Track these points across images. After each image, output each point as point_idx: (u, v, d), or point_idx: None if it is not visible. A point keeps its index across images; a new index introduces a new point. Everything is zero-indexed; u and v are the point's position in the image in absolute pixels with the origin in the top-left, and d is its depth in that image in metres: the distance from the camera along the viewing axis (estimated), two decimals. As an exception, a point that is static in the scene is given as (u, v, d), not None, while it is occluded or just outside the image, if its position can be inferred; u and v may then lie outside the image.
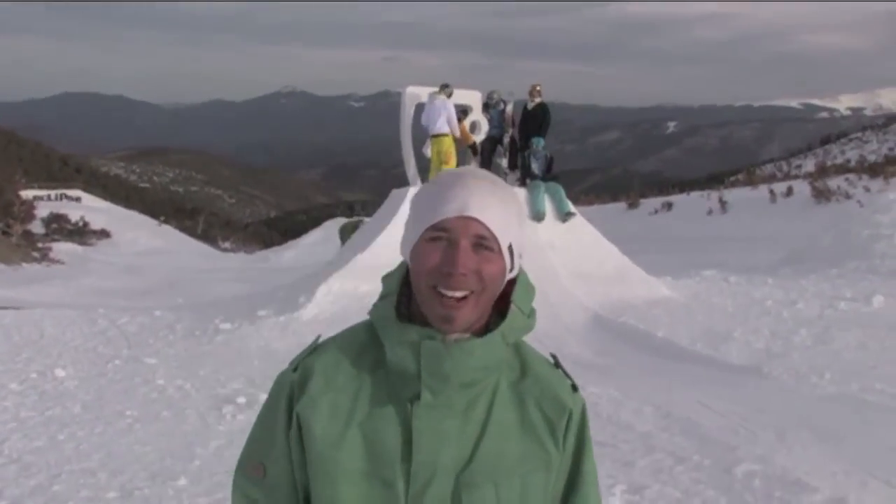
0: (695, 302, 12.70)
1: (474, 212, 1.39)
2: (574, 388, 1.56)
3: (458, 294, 1.38)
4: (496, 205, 1.42)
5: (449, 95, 14.48)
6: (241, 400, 7.83)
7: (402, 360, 1.43)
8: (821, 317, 11.22)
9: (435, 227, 1.41)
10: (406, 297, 1.50)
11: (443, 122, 14.07)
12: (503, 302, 1.50)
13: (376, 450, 1.43)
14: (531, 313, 1.52)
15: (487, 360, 1.43)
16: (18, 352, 10.42)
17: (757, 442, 6.22)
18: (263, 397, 6.43)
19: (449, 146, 14.20)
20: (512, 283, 1.51)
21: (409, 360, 1.42)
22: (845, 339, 9.80)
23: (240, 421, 7.28)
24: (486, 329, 1.47)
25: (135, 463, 6.17)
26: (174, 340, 11.27)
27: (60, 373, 9.15)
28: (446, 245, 1.40)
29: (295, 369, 1.54)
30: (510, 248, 1.43)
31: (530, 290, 1.54)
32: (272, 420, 1.54)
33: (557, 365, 1.59)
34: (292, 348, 10.36)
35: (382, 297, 1.52)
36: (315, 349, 1.55)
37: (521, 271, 1.52)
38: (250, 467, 1.57)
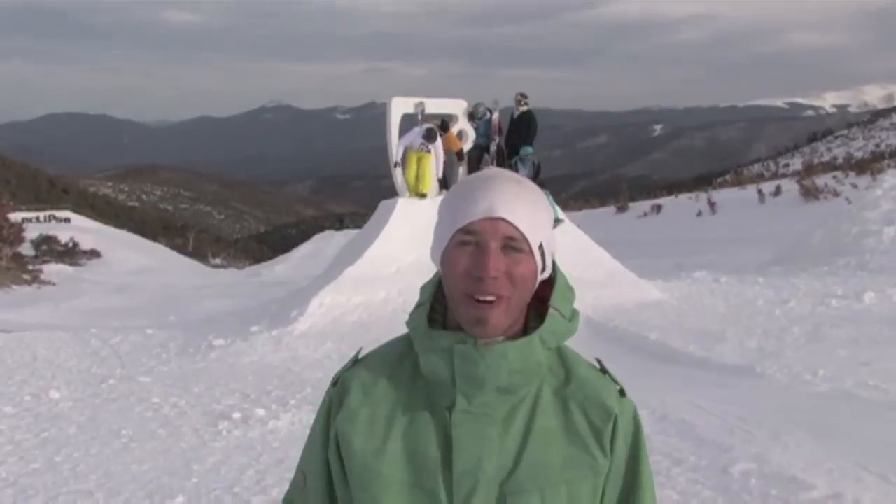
0: (686, 304, 12.74)
1: (502, 212, 1.38)
2: (622, 393, 1.52)
3: (490, 298, 1.36)
4: (524, 205, 1.40)
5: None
6: (237, 415, 7.82)
7: (435, 368, 1.43)
8: (813, 315, 11.28)
9: (463, 231, 1.40)
10: (442, 305, 1.49)
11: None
12: (543, 305, 1.48)
13: (417, 460, 1.42)
14: (573, 316, 1.49)
15: (523, 364, 1.41)
16: (12, 375, 10.38)
17: (752, 441, 6.24)
18: (259, 412, 6.43)
19: (428, 164, 14.36)
20: (550, 285, 1.48)
21: (442, 366, 1.41)
22: (838, 337, 9.85)
23: (236, 437, 7.27)
24: (523, 333, 1.45)
25: (132, 482, 6.15)
26: (168, 358, 11.25)
27: (55, 394, 9.12)
28: (475, 248, 1.38)
29: (335, 383, 1.55)
30: (541, 247, 1.42)
31: (570, 292, 1.51)
32: (314, 432, 1.57)
33: (604, 370, 1.54)
34: (286, 362, 10.41)
35: (417, 306, 1.51)
36: (355, 363, 1.56)
37: (559, 273, 1.50)
38: (296, 475, 1.62)
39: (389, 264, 13.27)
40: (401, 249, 13.13)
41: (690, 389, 8.04)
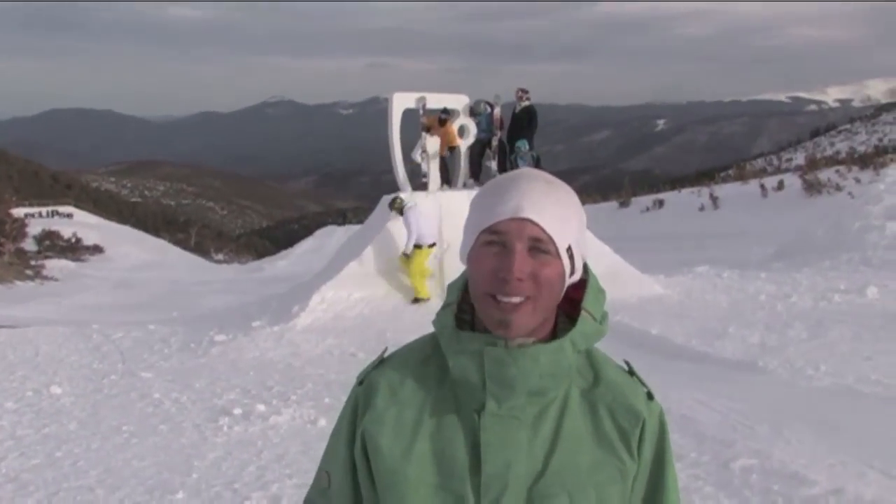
0: (688, 299, 12.73)
1: (529, 213, 1.35)
2: (649, 395, 1.50)
3: (515, 300, 1.34)
4: (552, 205, 1.38)
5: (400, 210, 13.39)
6: (238, 411, 7.82)
7: (464, 370, 1.41)
8: (815, 310, 11.25)
9: (489, 231, 1.37)
10: (470, 305, 1.47)
11: (434, 228, 13.31)
12: (574, 307, 1.47)
13: (445, 463, 1.41)
14: (603, 318, 1.48)
15: (554, 368, 1.39)
16: (13, 370, 10.39)
17: (754, 436, 6.23)
18: (260, 408, 6.42)
19: (427, 256, 13.20)
20: (581, 287, 1.48)
21: (472, 368, 1.39)
22: (840, 332, 9.82)
23: (237, 432, 7.26)
24: (553, 335, 1.45)
25: (132, 478, 6.15)
26: (169, 354, 11.26)
27: (56, 390, 9.13)
28: (501, 249, 1.36)
29: (361, 382, 1.54)
30: (569, 250, 1.39)
31: (601, 295, 1.49)
32: (338, 431, 1.56)
33: (632, 372, 1.53)
34: (287, 358, 10.41)
35: (444, 306, 1.49)
36: (381, 362, 1.54)
37: (591, 275, 1.49)
38: (319, 475, 1.62)
39: (391, 260, 13.26)
40: (402, 245, 13.11)
41: (692, 384, 8.02)
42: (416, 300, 12.83)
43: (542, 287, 1.35)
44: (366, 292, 12.86)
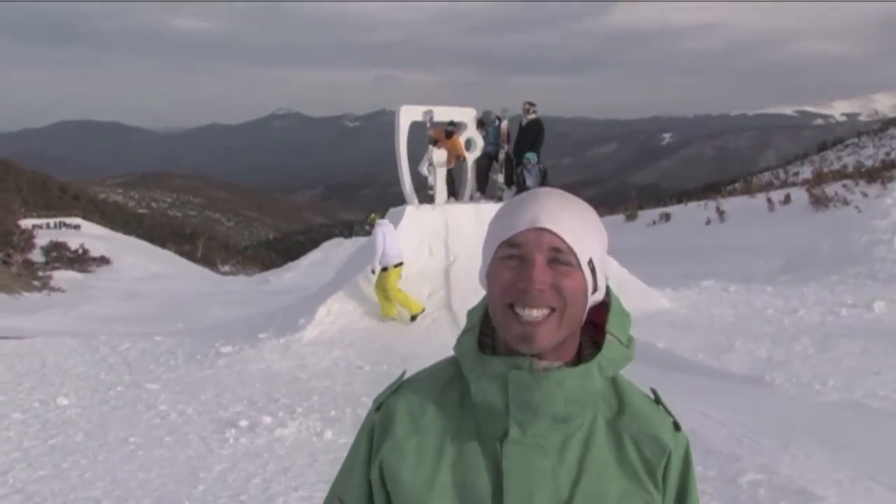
0: (695, 312, 12.71)
1: (546, 223, 1.32)
2: (676, 426, 1.45)
3: (536, 312, 1.30)
4: (570, 217, 1.35)
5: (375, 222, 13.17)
6: (244, 423, 7.82)
7: (487, 395, 1.36)
8: (822, 324, 11.23)
9: (508, 243, 1.34)
10: (492, 329, 1.42)
11: (400, 249, 12.89)
12: (597, 331, 1.43)
13: (467, 493, 1.36)
14: (629, 342, 1.43)
15: (580, 394, 1.35)
16: (20, 381, 10.41)
17: (761, 451, 6.21)
18: (266, 420, 6.41)
19: (398, 276, 12.84)
20: (604, 310, 1.43)
21: (496, 393, 1.35)
22: (847, 346, 9.80)
23: (243, 444, 7.26)
24: (578, 359, 1.40)
25: (139, 490, 6.15)
26: (175, 365, 11.27)
27: (63, 401, 9.14)
28: (519, 261, 1.33)
29: (378, 408, 1.48)
30: (590, 263, 1.35)
31: (626, 318, 1.45)
32: (353, 457, 1.51)
33: (658, 401, 1.48)
34: (294, 370, 10.41)
35: (465, 330, 1.45)
36: (399, 387, 1.49)
37: (613, 297, 1.45)
38: (331, 499, 1.56)
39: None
40: (409, 257, 13.12)
41: (699, 399, 8.00)
42: (413, 318, 12.50)
43: (566, 299, 1.31)
44: (372, 305, 12.86)
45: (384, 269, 12.66)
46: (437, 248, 13.76)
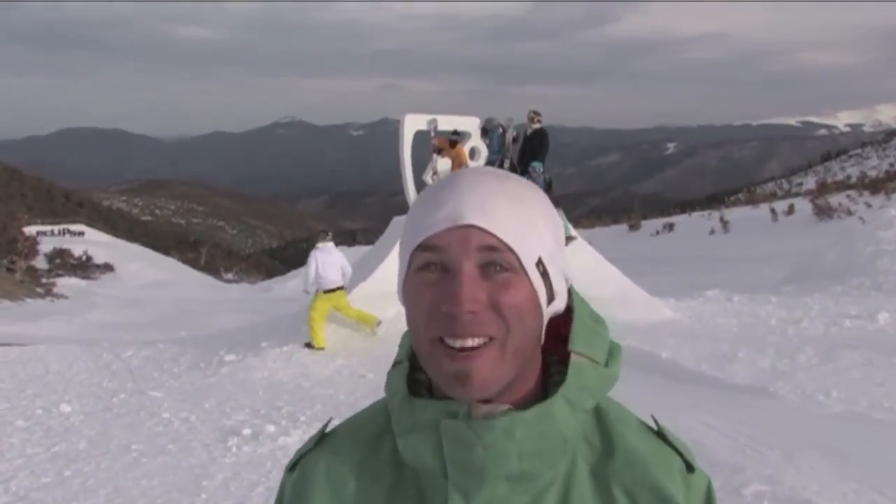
0: (698, 322, 12.69)
1: (472, 216, 0.95)
2: (689, 467, 1.07)
3: (471, 342, 0.93)
4: (506, 203, 0.96)
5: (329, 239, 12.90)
6: (247, 431, 7.82)
7: (416, 452, 1.01)
8: (826, 335, 11.20)
9: (423, 247, 0.96)
10: None
11: (338, 274, 12.50)
12: (563, 349, 1.04)
13: None
14: (610, 358, 1.06)
15: (541, 443, 0.98)
16: (24, 388, 10.41)
17: (765, 462, 6.19)
18: (269, 428, 6.41)
19: (342, 299, 12.58)
20: (566, 320, 1.07)
21: (427, 450, 1.00)
22: (851, 357, 9.77)
23: (246, 453, 7.26)
24: (542, 393, 1.04)
25: (141, 498, 6.15)
26: (179, 373, 11.27)
27: (66, 408, 9.14)
28: (441, 273, 0.95)
29: (292, 468, 1.17)
30: (540, 263, 0.97)
31: (598, 326, 1.08)
32: None
33: (661, 433, 1.09)
34: (297, 378, 10.41)
35: (395, 364, 1.10)
36: (320, 440, 1.14)
37: (577, 301, 1.08)
38: None
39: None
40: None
41: (702, 409, 7.98)
42: (308, 345, 12.08)
43: (509, 319, 0.94)
44: (376, 313, 12.86)
45: (325, 292, 12.33)
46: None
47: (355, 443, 1.10)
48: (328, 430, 1.15)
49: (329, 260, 12.45)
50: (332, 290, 12.35)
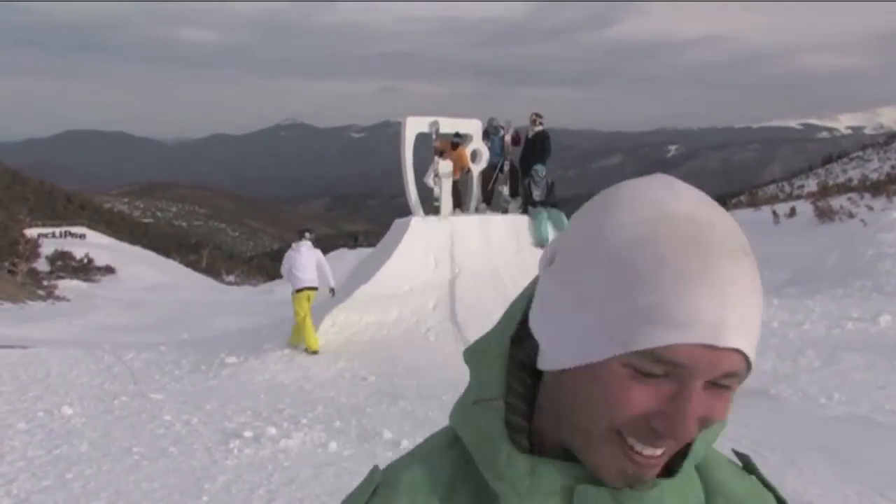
0: (700, 325, 12.67)
1: (735, 338, 0.75)
2: (780, 501, 0.99)
3: (660, 451, 0.81)
4: (758, 307, 0.79)
5: (308, 239, 13.10)
6: (248, 434, 7.81)
7: None
8: (828, 337, 11.19)
9: (656, 358, 0.75)
10: (525, 402, 0.89)
11: (310, 274, 12.64)
12: None
13: None
14: None
15: None
16: (25, 390, 10.41)
17: (767, 465, 6.18)
18: (270, 431, 6.40)
19: (311, 300, 12.55)
20: None
21: None
22: (853, 360, 9.76)
23: (247, 455, 7.25)
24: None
25: (143, 500, 6.14)
26: (180, 375, 11.27)
27: (67, 411, 9.13)
28: (665, 383, 0.77)
29: None
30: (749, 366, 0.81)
31: None
32: None
33: (751, 468, 1.01)
34: (298, 381, 10.41)
35: (477, 399, 0.90)
36: (374, 493, 0.91)
37: None
38: None
39: (402, 284, 13.26)
40: (414, 269, 13.13)
41: (704, 412, 7.98)
42: (307, 350, 12.04)
43: (703, 429, 0.81)
44: (377, 316, 12.86)
45: (298, 291, 12.44)
46: (443, 259, 13.76)
47: (427, 496, 0.89)
48: (378, 480, 0.92)
49: (301, 260, 12.57)
50: (302, 290, 12.41)
